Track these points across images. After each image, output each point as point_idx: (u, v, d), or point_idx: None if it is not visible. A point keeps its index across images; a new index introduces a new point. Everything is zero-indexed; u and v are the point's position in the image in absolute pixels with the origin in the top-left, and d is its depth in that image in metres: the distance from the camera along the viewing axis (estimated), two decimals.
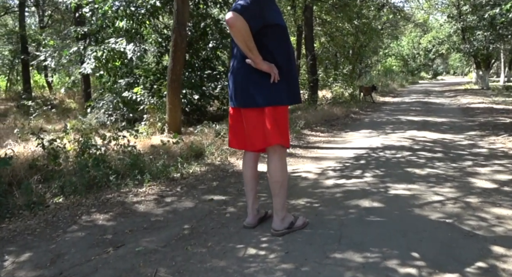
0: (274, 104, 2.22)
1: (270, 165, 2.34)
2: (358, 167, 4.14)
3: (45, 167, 3.55)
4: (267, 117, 2.23)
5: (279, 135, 2.24)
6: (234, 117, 2.42)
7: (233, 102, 2.36)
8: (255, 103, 2.23)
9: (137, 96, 6.77)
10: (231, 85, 2.34)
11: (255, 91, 2.22)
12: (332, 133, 6.80)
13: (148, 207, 3.03)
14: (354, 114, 9.64)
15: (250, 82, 2.24)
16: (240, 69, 2.27)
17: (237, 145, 2.48)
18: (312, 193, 3.25)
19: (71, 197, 3.20)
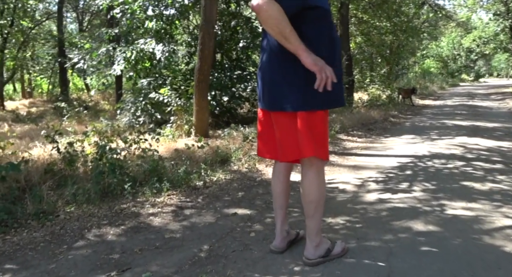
0: (308, 109, 1.81)
1: (304, 180, 1.92)
2: (404, 178, 3.62)
3: (61, 172, 3.31)
4: (300, 124, 1.82)
5: (315, 146, 1.83)
6: (264, 120, 2.03)
7: (261, 103, 1.97)
8: (283, 106, 1.83)
9: (164, 97, 6.54)
10: (259, 83, 1.96)
11: (286, 92, 1.81)
12: (370, 138, 6.27)
13: (164, 220, 2.69)
14: (393, 118, 9.00)
15: (279, 81, 1.82)
16: (269, 64, 1.87)
17: (268, 154, 2.08)
18: (352, 209, 2.80)
19: (83, 206, 2.92)
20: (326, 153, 1.91)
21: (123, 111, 7.86)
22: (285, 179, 2.10)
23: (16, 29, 14.59)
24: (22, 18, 14.67)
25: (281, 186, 2.09)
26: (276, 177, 2.10)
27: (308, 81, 1.77)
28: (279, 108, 1.85)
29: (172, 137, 5.46)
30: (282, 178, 2.09)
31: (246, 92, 8.00)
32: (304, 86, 1.79)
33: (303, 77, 1.78)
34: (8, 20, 14.13)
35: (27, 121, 9.47)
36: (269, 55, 1.87)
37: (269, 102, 1.89)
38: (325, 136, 1.90)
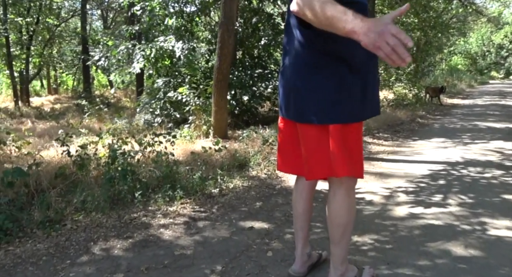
0: (343, 122, 1.57)
1: (332, 201, 1.68)
2: (437, 189, 3.32)
3: (72, 176, 3.18)
4: (333, 137, 1.57)
5: (349, 163, 1.59)
6: (286, 131, 1.79)
7: (284, 112, 1.73)
8: (313, 118, 1.58)
9: (182, 97, 6.39)
10: (281, 90, 1.71)
11: (315, 101, 1.56)
12: (397, 141, 5.92)
13: (175, 233, 2.51)
14: (421, 119, 8.57)
15: (307, 88, 1.56)
16: (294, 69, 1.62)
17: (290, 169, 1.83)
18: (380, 226, 2.53)
19: (92, 214, 2.77)
20: (361, 170, 1.67)
21: (142, 110, 7.78)
22: (308, 197, 1.86)
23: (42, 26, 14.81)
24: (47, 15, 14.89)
25: (303, 205, 1.86)
26: (298, 195, 1.87)
27: (342, 88, 1.54)
28: (307, 120, 1.60)
29: (190, 138, 5.30)
30: (305, 196, 1.86)
31: (267, 91, 7.77)
32: (337, 94, 1.55)
33: (336, 84, 1.54)
34: (34, 18, 14.35)
35: (48, 118, 9.54)
36: (294, 58, 1.61)
37: (295, 113, 1.64)
38: (360, 151, 1.66)
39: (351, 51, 1.52)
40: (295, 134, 1.72)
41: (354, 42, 1.50)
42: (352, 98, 1.56)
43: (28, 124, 9.07)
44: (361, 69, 1.57)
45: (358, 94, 1.58)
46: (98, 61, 8.73)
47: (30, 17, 14.25)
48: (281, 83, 1.71)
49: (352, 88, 1.56)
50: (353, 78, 1.55)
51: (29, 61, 14.60)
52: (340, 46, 1.50)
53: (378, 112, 1.73)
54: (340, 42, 1.49)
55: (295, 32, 1.57)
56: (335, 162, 1.57)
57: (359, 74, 1.57)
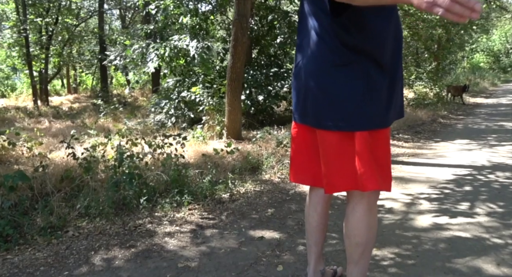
0: (370, 128, 1.39)
1: (351, 217, 1.50)
2: (463, 196, 3.08)
3: (77, 180, 3.08)
4: (360, 145, 1.40)
5: (379, 175, 1.41)
6: (301, 138, 1.60)
7: (300, 116, 1.54)
8: (338, 124, 1.40)
9: (196, 96, 6.27)
10: (296, 93, 1.54)
11: (339, 104, 1.39)
12: (418, 142, 5.65)
13: (180, 243, 2.37)
14: (442, 119, 8.23)
15: (331, 90, 1.40)
16: (313, 68, 1.43)
17: (306, 180, 1.64)
18: (401, 238, 2.33)
19: (96, 220, 2.66)
20: (390, 182, 1.50)
21: (156, 109, 7.72)
22: (323, 211, 1.68)
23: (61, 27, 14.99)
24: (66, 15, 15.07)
25: (318, 219, 1.68)
26: (312, 208, 1.69)
27: (370, 89, 1.37)
28: (329, 126, 1.41)
29: (202, 138, 5.17)
30: (320, 210, 1.68)
31: (283, 91, 7.59)
32: (365, 96, 1.37)
33: (364, 84, 1.37)
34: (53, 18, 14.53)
35: (64, 118, 9.61)
36: (313, 56, 1.43)
37: (315, 118, 1.46)
38: (389, 160, 1.50)
39: (381, 45, 1.36)
40: (311, 141, 1.55)
41: (383, 33, 1.31)
42: (380, 100, 1.40)
43: (45, 123, 9.13)
44: (389, 65, 1.41)
45: (386, 95, 1.42)
46: (114, 61, 8.71)
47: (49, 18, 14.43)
48: (296, 85, 1.53)
49: (381, 88, 1.40)
50: (381, 77, 1.38)
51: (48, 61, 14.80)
52: (368, 39, 1.33)
53: (402, 114, 1.57)
54: (369, 33, 1.34)
55: (315, 27, 1.40)
56: (362, 174, 1.40)
57: (387, 72, 1.40)
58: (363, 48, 1.35)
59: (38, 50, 13.17)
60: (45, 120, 9.83)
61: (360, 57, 1.36)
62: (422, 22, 12.29)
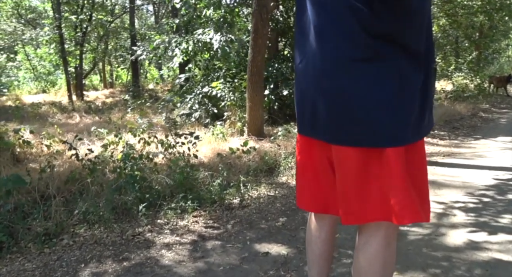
0: (406, 142, 1.11)
1: (363, 251, 1.20)
2: (505, 207, 2.67)
3: (77, 183, 2.95)
4: (393, 164, 1.09)
5: (417, 202, 1.12)
6: (306, 154, 1.30)
7: (306, 127, 1.25)
8: (362, 139, 1.11)
9: (217, 92, 6.08)
10: (300, 97, 1.25)
11: (365, 112, 1.09)
12: (455, 140, 5.16)
13: (177, 256, 2.16)
14: (484, 113, 7.57)
15: (350, 93, 1.10)
16: (327, 65, 1.12)
17: (313, 206, 1.33)
18: (429, 258, 1.99)
19: (95, 227, 2.52)
20: (429, 209, 1.21)
21: (181, 105, 7.62)
22: (328, 236, 1.40)
23: (95, 23, 15.28)
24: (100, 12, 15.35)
25: (322, 246, 1.40)
26: (316, 233, 1.40)
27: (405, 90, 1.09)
28: (352, 142, 1.12)
29: (222, 136, 4.97)
30: (325, 236, 1.39)
31: None
32: (399, 100, 1.08)
33: (397, 86, 1.07)
34: (87, 15, 14.83)
35: (92, 113, 9.75)
36: (327, 48, 1.11)
37: (329, 130, 1.16)
38: (427, 179, 1.21)
39: (416, 30, 1.07)
40: (321, 159, 1.25)
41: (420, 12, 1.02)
42: (416, 104, 1.12)
43: (76, 118, 9.30)
44: (423, 57, 1.12)
45: (421, 97, 1.13)
46: (140, 56, 8.70)
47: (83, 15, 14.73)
48: (300, 88, 1.24)
49: (416, 89, 1.11)
50: (416, 73, 1.10)
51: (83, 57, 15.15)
52: (402, 22, 1.04)
53: (433, 122, 1.26)
54: (403, 14, 1.03)
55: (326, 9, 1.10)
56: (398, 202, 1.10)
57: (422, 66, 1.12)
58: (394, 35, 1.05)
59: (73, 46, 13.48)
60: (76, 115, 10.03)
61: (390, 49, 1.06)
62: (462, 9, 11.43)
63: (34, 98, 14.08)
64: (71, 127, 7.66)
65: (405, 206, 1.11)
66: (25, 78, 19.81)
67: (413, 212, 1.12)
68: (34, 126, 6.96)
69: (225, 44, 6.71)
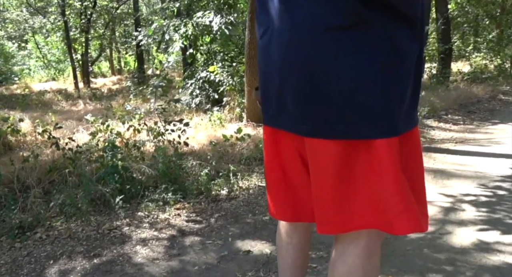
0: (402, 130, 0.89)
1: (340, 265, 0.98)
2: None
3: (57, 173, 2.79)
4: (385, 160, 0.87)
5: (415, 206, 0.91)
6: (274, 149, 1.05)
7: (273, 116, 1.00)
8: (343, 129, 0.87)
9: (215, 76, 5.84)
10: (264, 77, 0.99)
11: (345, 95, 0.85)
12: (470, 125, 4.82)
13: (151, 254, 1.98)
14: (504, 95, 7.13)
15: (327, 70, 0.85)
16: (297, 32, 0.87)
17: (284, 213, 1.08)
18: (430, 261, 1.75)
19: (72, 220, 2.35)
20: (427, 218, 0.98)
21: (183, 90, 7.45)
22: (301, 241, 1.17)
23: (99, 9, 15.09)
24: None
25: (294, 253, 1.17)
26: (286, 238, 1.18)
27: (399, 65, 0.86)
28: (331, 133, 0.88)
29: (220, 122, 4.75)
30: (298, 240, 1.17)
31: None
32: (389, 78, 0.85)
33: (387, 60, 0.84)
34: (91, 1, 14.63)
35: (98, 100, 9.66)
36: (301, 17, 0.86)
37: (300, 118, 0.91)
38: (423, 177, 0.99)
39: None
40: (293, 155, 1.02)
41: None
42: (411, 82, 0.89)
43: (80, 106, 9.22)
44: (420, 25, 0.88)
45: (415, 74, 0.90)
46: (141, 41, 8.50)
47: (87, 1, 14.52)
48: (264, 65, 0.98)
49: (412, 64, 0.88)
50: (411, 44, 0.86)
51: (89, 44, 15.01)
52: None
53: None
54: None
55: None
56: (391, 207, 0.88)
57: (418, 36, 0.88)
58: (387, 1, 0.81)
59: (78, 33, 13.33)
60: (80, 102, 9.95)
61: (378, 12, 0.81)
62: None
63: (44, 86, 14.09)
64: (72, 114, 7.56)
65: (402, 212, 0.88)
66: (35, 66, 19.85)
67: (412, 220, 0.89)
68: (35, 114, 6.89)
69: (225, 26, 6.44)
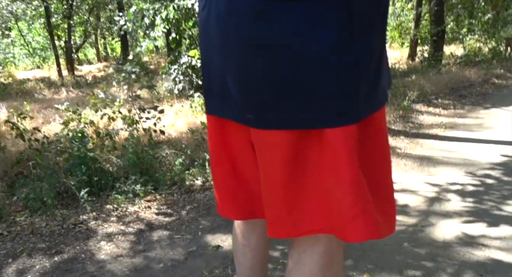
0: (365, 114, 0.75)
1: (297, 273, 0.85)
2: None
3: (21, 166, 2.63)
4: (334, 152, 0.72)
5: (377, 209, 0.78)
6: (219, 140, 0.91)
7: (215, 104, 0.86)
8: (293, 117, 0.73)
9: (196, 61, 5.66)
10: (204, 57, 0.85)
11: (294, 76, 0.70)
12: (461, 109, 4.70)
13: (116, 250, 1.84)
14: (497, 79, 6.99)
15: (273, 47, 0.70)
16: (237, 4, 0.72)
17: (231, 211, 0.96)
18: (410, 257, 1.63)
19: (36, 214, 2.21)
20: (394, 218, 0.86)
21: (166, 76, 7.28)
22: (259, 243, 1.04)
23: None
24: None
25: (251, 257, 1.05)
26: (243, 242, 1.05)
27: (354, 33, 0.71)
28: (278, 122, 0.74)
29: (201, 108, 4.59)
30: (255, 243, 1.04)
31: None
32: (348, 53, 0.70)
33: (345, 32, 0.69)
34: None
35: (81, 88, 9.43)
36: None
37: (244, 106, 0.77)
38: (390, 171, 0.86)
39: None
40: (243, 144, 0.87)
41: None
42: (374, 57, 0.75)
43: (62, 94, 8.99)
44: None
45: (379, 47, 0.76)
46: (123, 26, 8.23)
47: None
48: (204, 44, 0.84)
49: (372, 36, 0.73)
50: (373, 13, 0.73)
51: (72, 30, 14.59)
52: None
53: (390, 83, 0.87)
54: None
55: None
56: (347, 210, 0.75)
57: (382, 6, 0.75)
58: None
59: (60, 20, 12.93)
60: (63, 90, 9.70)
61: None
62: None
63: (28, 74, 13.74)
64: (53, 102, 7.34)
65: (356, 216, 0.74)
66: (20, 54, 19.37)
67: (368, 224, 0.75)
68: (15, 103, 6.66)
69: None
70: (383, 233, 0.79)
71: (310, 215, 0.80)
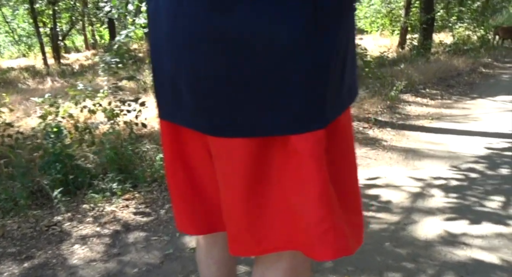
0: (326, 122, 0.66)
1: None
2: (497, 186, 2.23)
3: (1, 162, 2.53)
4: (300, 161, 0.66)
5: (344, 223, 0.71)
6: (174, 148, 0.82)
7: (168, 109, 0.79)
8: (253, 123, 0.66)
9: None
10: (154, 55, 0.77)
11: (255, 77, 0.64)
12: (448, 99, 4.67)
13: (90, 254, 1.78)
14: (485, 68, 6.99)
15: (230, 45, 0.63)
16: None
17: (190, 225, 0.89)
18: (391, 257, 1.60)
19: (9, 216, 2.13)
20: (362, 231, 0.80)
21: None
22: (224, 255, 0.98)
23: None
24: None
25: (216, 270, 0.98)
26: (206, 254, 0.98)
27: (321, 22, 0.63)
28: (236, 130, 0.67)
29: None
30: (219, 255, 0.97)
31: None
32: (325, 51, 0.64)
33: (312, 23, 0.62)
34: None
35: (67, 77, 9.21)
36: None
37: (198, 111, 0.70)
38: (356, 178, 0.80)
39: None
40: (200, 151, 0.80)
41: None
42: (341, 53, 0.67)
43: (47, 84, 8.77)
44: None
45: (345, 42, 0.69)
46: (108, 13, 7.99)
47: None
48: (154, 40, 0.76)
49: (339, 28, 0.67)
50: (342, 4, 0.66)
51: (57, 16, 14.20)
52: None
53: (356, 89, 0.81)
54: None
55: None
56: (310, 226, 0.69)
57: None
58: None
59: (44, 6, 12.55)
60: (48, 80, 9.47)
61: None
62: None
63: (13, 63, 13.40)
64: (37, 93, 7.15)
65: (326, 232, 0.69)
66: (5, 42, 18.86)
67: (338, 241, 0.70)
68: None
69: None
70: (352, 248, 0.74)
71: (273, 231, 0.74)
